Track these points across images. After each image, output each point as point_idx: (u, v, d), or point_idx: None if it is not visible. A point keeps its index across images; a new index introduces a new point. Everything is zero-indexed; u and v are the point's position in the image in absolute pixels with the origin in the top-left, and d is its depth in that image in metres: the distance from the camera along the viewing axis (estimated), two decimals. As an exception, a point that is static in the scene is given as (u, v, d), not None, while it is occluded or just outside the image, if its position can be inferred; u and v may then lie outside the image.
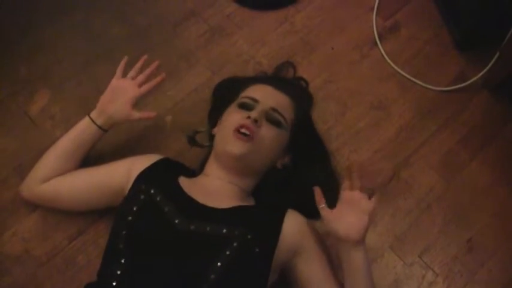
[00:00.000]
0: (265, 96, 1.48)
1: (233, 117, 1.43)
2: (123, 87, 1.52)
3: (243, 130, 1.37)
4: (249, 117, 1.39)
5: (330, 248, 1.43)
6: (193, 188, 1.37)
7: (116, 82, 1.53)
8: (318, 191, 1.35)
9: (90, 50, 1.87)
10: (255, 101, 1.46)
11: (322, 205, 1.34)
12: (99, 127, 1.51)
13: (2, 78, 1.79)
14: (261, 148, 1.39)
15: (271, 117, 1.44)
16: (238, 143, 1.35)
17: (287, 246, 1.32)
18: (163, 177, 1.40)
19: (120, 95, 1.51)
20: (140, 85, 1.53)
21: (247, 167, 1.41)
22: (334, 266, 1.39)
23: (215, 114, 1.62)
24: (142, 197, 1.29)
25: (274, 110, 1.45)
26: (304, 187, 1.53)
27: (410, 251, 1.60)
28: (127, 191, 1.39)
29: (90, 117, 1.51)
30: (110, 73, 1.78)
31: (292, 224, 1.37)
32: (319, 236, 1.42)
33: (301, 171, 1.56)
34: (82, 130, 1.51)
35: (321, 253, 1.39)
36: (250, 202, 1.44)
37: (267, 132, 1.40)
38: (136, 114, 1.51)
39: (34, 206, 1.56)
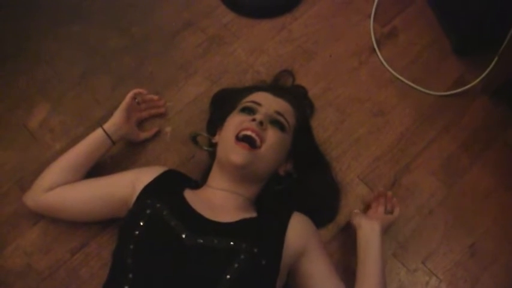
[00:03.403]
0: (268, 101, 1.49)
1: (236, 120, 1.43)
2: (134, 108, 1.65)
3: (248, 133, 1.36)
4: (254, 119, 1.39)
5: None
6: (198, 201, 1.37)
7: (130, 101, 1.60)
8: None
9: (87, 62, 1.86)
10: (258, 104, 1.46)
11: (356, 211, 1.61)
12: (113, 142, 1.56)
13: (0, 92, 1.79)
14: (265, 153, 1.38)
15: (276, 121, 1.44)
16: (242, 152, 1.35)
17: (292, 251, 1.33)
18: (168, 191, 1.40)
19: (132, 114, 1.65)
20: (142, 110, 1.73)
21: (251, 174, 1.41)
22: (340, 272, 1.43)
23: (214, 123, 1.62)
24: (148, 211, 1.28)
25: (278, 113, 1.45)
26: (305, 195, 1.56)
27: (414, 257, 1.60)
28: (132, 203, 1.39)
29: (106, 133, 1.54)
30: (107, 84, 1.81)
31: (296, 229, 1.37)
32: (320, 237, 1.46)
33: (302, 178, 1.55)
34: (96, 144, 1.54)
35: (323, 253, 1.40)
36: (254, 212, 1.43)
37: (271, 135, 1.40)
38: (143, 135, 1.70)
39: (36, 218, 1.56)
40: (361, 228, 1.48)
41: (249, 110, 1.46)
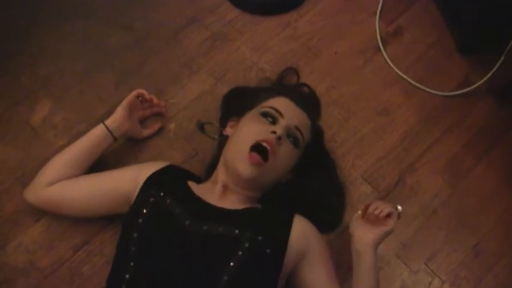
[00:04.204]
0: (289, 111, 1.46)
1: (255, 126, 1.41)
2: (136, 105, 1.64)
3: (264, 144, 1.34)
4: (274, 132, 1.37)
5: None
6: (202, 191, 1.37)
7: (133, 99, 1.60)
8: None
9: (90, 59, 1.85)
10: (280, 114, 1.44)
11: (359, 212, 1.38)
12: (115, 138, 1.56)
13: (3, 89, 1.78)
14: (273, 167, 1.37)
15: (293, 135, 1.43)
16: (250, 165, 1.33)
17: (296, 249, 1.33)
18: (172, 181, 1.41)
19: (135, 112, 1.64)
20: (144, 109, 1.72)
21: (256, 184, 1.40)
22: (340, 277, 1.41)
23: (228, 116, 1.62)
24: (152, 199, 1.29)
25: (297, 128, 1.44)
26: (310, 197, 1.55)
27: (417, 257, 1.59)
28: (133, 198, 1.38)
29: (108, 129, 1.53)
30: (110, 81, 1.80)
31: (300, 228, 1.37)
32: (324, 243, 1.43)
33: (306, 182, 1.55)
34: (98, 139, 1.53)
35: (325, 259, 1.39)
36: (258, 206, 1.44)
37: (284, 150, 1.39)
38: (146, 132, 1.69)
39: (38, 215, 1.56)
40: (354, 240, 1.35)
41: (269, 117, 1.44)
